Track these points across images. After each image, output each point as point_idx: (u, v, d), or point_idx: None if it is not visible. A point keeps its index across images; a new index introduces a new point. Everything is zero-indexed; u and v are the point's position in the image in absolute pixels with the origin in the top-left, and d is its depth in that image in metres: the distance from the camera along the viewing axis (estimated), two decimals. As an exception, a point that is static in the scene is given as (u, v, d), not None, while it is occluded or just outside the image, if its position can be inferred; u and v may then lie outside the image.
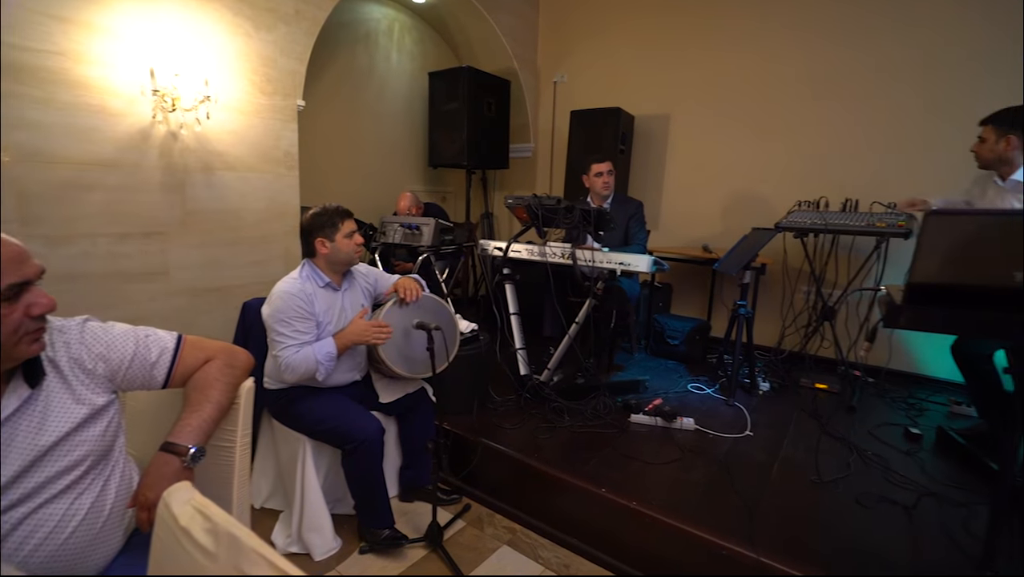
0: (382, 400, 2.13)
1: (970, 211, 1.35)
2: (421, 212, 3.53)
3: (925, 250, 0.97)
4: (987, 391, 2.19)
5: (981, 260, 0.94)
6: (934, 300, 1.01)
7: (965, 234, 0.93)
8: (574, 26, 4.28)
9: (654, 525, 1.78)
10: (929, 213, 0.91)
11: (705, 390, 2.89)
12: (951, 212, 0.91)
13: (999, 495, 1.04)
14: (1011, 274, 0.92)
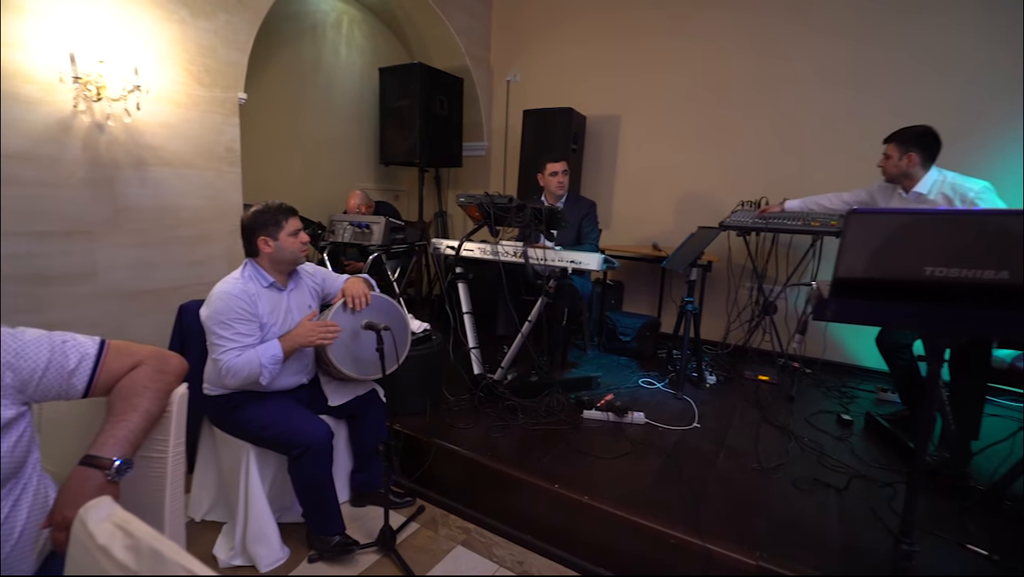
0: (331, 403, 2.07)
1: (886, 210, 1.45)
2: (372, 211, 3.46)
3: (847, 247, 1.03)
4: (907, 378, 2.35)
5: (895, 256, 1.00)
6: (857, 294, 1.07)
7: (881, 232, 0.99)
8: (527, 26, 4.31)
9: (606, 518, 1.81)
10: (850, 212, 0.96)
11: (655, 385, 2.97)
12: (869, 212, 0.97)
13: (914, 473, 1.11)
14: (921, 268, 0.99)
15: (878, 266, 1.03)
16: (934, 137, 2.25)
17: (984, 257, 0.94)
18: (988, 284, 0.96)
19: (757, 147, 3.51)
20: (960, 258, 0.96)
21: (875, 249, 1.01)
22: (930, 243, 0.97)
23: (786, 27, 3.34)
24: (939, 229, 0.95)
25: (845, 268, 1.05)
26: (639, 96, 3.87)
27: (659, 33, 3.74)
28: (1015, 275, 0.94)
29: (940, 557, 1.64)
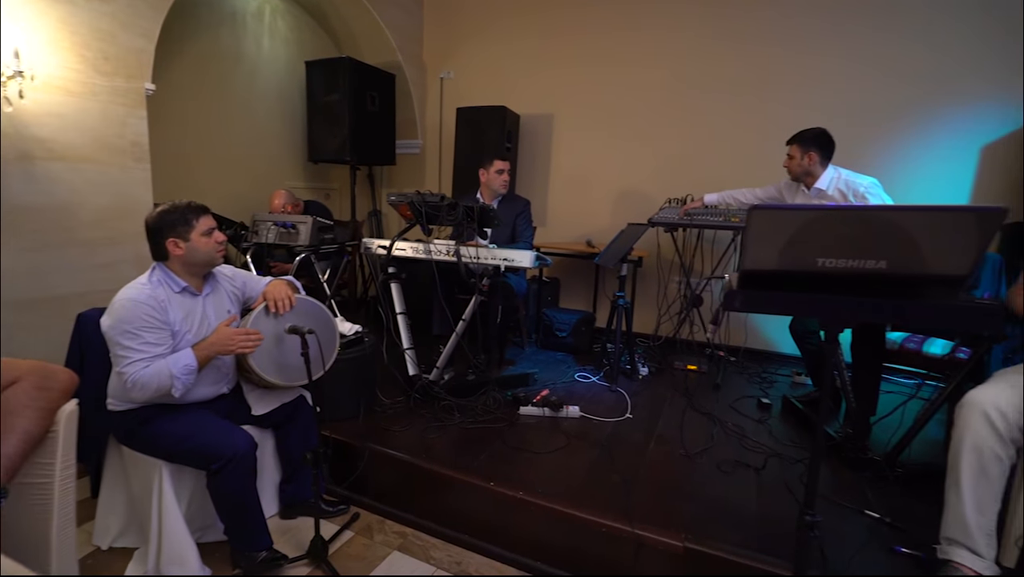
0: (255, 412, 1.97)
1: (782, 206, 1.55)
2: (299, 210, 3.31)
3: (750, 241, 1.09)
4: (816, 361, 2.55)
5: (792, 249, 1.07)
6: (761, 285, 1.14)
7: (779, 227, 1.06)
8: (460, 22, 4.27)
9: (540, 512, 1.84)
10: (751, 208, 1.02)
11: (591, 378, 3.04)
12: (768, 207, 1.03)
13: (815, 451, 1.20)
14: (815, 260, 1.06)
15: (778, 258, 1.09)
16: (828, 138, 2.46)
17: (867, 249, 1.03)
18: (871, 273, 1.04)
19: (684, 145, 3.65)
20: (847, 250, 1.04)
21: (774, 243, 1.08)
22: (821, 237, 1.04)
23: (710, 30, 3.50)
24: (828, 224, 1.03)
25: (750, 261, 1.12)
26: (571, 95, 3.94)
27: (590, 33, 3.82)
28: (891, 264, 1.02)
29: (843, 523, 1.79)
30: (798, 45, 3.28)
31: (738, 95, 3.46)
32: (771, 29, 3.33)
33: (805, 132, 2.51)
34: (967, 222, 0.95)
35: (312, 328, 1.79)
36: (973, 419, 1.48)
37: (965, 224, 0.95)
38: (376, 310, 2.73)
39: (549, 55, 3.96)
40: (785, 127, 2.61)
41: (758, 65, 3.38)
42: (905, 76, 3.05)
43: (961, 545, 1.47)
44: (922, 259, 1.01)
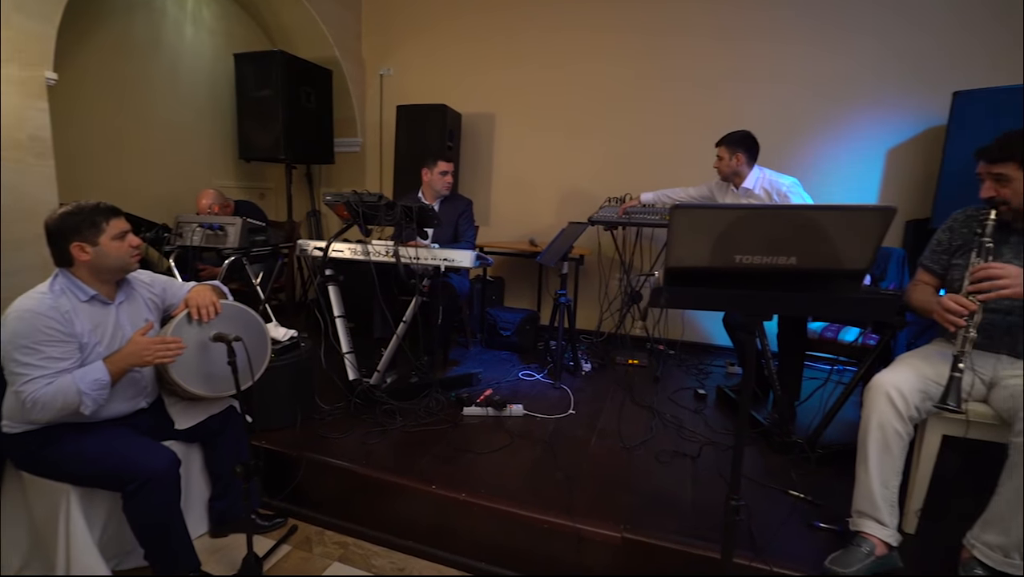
0: (178, 426, 1.85)
1: (702, 205, 1.61)
2: (230, 211, 3.15)
3: (673, 239, 1.12)
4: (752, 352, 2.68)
5: (712, 246, 1.11)
6: (685, 282, 1.18)
7: (699, 225, 1.10)
8: (400, 18, 4.19)
9: (483, 513, 1.83)
10: (673, 208, 1.06)
11: (535, 376, 3.07)
12: (689, 206, 1.07)
13: (738, 439, 1.26)
14: (733, 256, 1.11)
15: (698, 256, 1.13)
16: (754, 140, 2.60)
17: (779, 245, 1.09)
18: (783, 269, 1.10)
19: (623, 144, 3.75)
20: (761, 247, 1.09)
21: (695, 241, 1.12)
22: (737, 235, 1.09)
23: (648, 31, 3.60)
24: (743, 222, 1.08)
25: (673, 258, 1.15)
26: (512, 94, 3.96)
27: (531, 32, 3.85)
28: (801, 260, 1.09)
29: (769, 504, 1.89)
30: (730, 50, 3.44)
31: (675, 96, 3.59)
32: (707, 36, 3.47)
33: (732, 135, 2.64)
34: (864, 220, 1.02)
35: (239, 335, 1.70)
36: (877, 400, 1.60)
37: (862, 222, 1.02)
38: (316, 313, 2.63)
39: (490, 54, 3.96)
40: (718, 128, 2.73)
41: (693, 68, 3.52)
42: (821, 85, 3.26)
43: (869, 516, 1.58)
44: (827, 254, 1.08)
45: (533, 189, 4.00)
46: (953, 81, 2.78)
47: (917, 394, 1.57)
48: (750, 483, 2.01)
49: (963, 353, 1.48)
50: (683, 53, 3.55)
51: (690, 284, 1.19)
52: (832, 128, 3.28)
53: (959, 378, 1.46)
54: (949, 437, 1.68)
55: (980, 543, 1.45)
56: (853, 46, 3.18)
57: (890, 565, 1.53)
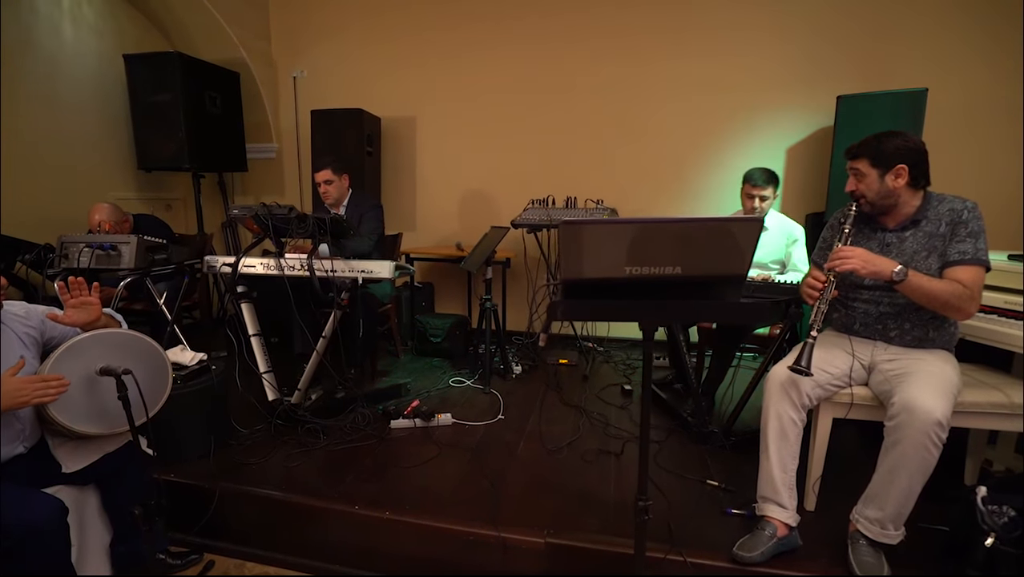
0: (67, 470, 1.69)
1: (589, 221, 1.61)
2: (128, 226, 2.90)
3: (563, 253, 1.14)
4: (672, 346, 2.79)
5: (602, 258, 1.14)
6: (580, 294, 1.20)
7: (587, 239, 1.13)
8: (310, 17, 4.01)
9: (408, 529, 1.81)
10: (562, 223, 1.08)
11: (465, 382, 3.05)
12: (577, 222, 1.09)
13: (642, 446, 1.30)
14: (624, 268, 1.14)
15: (591, 268, 1.16)
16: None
17: (664, 256, 1.13)
18: (670, 278, 1.15)
19: (546, 147, 3.80)
20: (648, 258, 1.13)
21: (587, 254, 1.14)
22: (625, 247, 1.13)
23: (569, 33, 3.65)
24: (628, 235, 1.11)
25: (567, 271, 1.17)
26: (432, 97, 3.91)
27: (449, 33, 3.81)
28: (685, 269, 1.14)
29: (688, 494, 1.98)
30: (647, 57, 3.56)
31: (596, 99, 3.66)
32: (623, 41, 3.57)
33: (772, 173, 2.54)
34: (736, 230, 1.08)
35: (130, 366, 1.58)
36: (773, 391, 1.72)
37: (735, 231, 1.08)
38: (229, 333, 2.49)
39: (407, 55, 3.89)
40: (639, 130, 2.81)
41: (612, 71, 3.61)
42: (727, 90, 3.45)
43: (771, 501, 1.69)
44: (708, 262, 1.13)
45: (456, 192, 3.97)
46: (838, 86, 3.03)
47: (808, 382, 1.69)
48: (669, 476, 2.10)
49: (815, 322, 1.62)
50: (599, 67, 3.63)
51: (585, 296, 1.22)
52: (737, 130, 3.47)
53: (811, 344, 1.60)
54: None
55: (863, 517, 1.59)
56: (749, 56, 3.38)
57: (791, 545, 1.64)
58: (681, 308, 1.16)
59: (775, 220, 2.65)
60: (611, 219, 1.11)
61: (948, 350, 1.75)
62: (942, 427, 1.44)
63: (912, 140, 1.70)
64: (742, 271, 1.14)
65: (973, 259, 1.62)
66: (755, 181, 2.54)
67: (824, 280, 1.68)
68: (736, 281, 1.16)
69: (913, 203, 1.75)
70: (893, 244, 1.76)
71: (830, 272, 1.68)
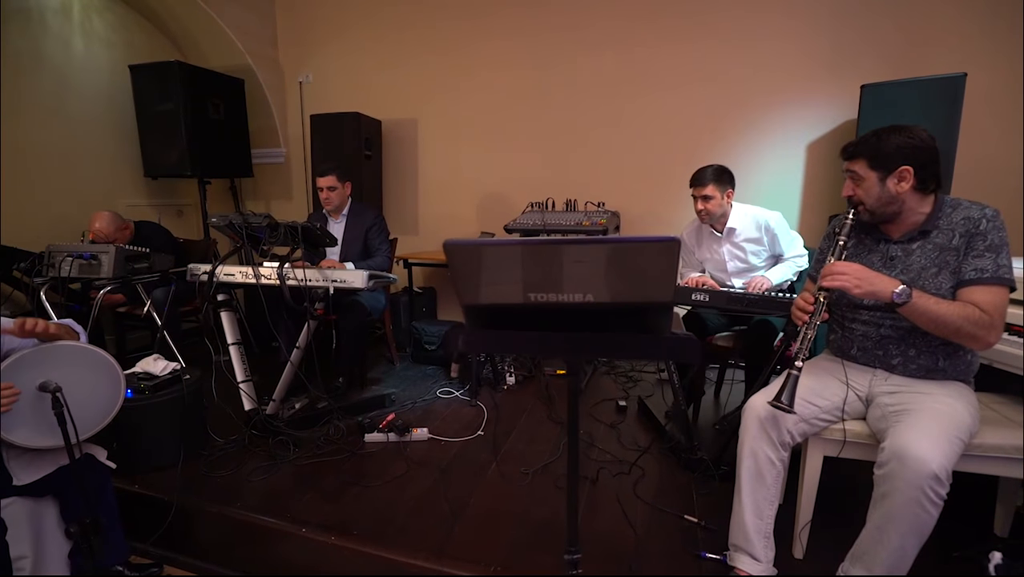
0: (18, 482, 1.70)
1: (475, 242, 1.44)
2: (129, 232, 2.98)
3: (456, 276, 1.01)
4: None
5: (498, 283, 1.00)
6: (485, 322, 1.07)
7: (478, 261, 0.99)
8: (317, 21, 4.02)
9: (353, 556, 1.72)
10: (445, 243, 0.94)
11: (454, 393, 2.95)
12: (462, 243, 0.96)
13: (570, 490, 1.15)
14: (526, 295, 1.00)
15: (488, 293, 1.02)
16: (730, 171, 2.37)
17: (569, 282, 0.97)
18: (581, 307, 0.99)
19: (549, 146, 3.64)
20: (551, 284, 0.98)
21: (482, 278, 1.01)
22: (522, 271, 0.98)
23: (572, 27, 3.49)
24: (522, 257, 0.97)
25: (464, 296, 1.04)
26: (434, 100, 3.83)
27: (451, 36, 3.72)
28: (598, 296, 0.98)
29: (662, 531, 1.79)
30: (648, 55, 3.35)
31: (601, 95, 3.47)
32: (633, 36, 3.37)
33: (713, 169, 2.30)
34: (649, 252, 0.91)
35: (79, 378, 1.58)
36: (750, 425, 1.52)
37: (648, 254, 0.92)
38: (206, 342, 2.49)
39: (409, 58, 3.82)
40: (646, 132, 2.62)
41: (617, 66, 3.41)
42: (737, 84, 3.19)
43: (743, 551, 1.50)
44: (624, 289, 0.97)
45: (459, 196, 3.87)
46: (863, 74, 2.72)
47: (791, 418, 1.48)
48: (645, 507, 1.93)
49: (800, 351, 1.41)
50: (603, 58, 3.44)
51: (490, 325, 1.08)
52: (752, 125, 3.20)
53: (795, 376, 1.39)
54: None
55: (849, 577, 1.37)
56: (765, 45, 3.10)
57: (762, 603, 1.44)
58: (596, 342, 1.00)
59: (740, 218, 2.37)
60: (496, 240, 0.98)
61: (964, 382, 1.50)
62: (939, 481, 1.20)
63: (918, 136, 1.45)
64: (666, 297, 0.97)
65: (993, 277, 1.36)
66: (695, 181, 2.30)
67: (809, 300, 1.48)
68: (662, 309, 0.99)
69: (921, 210, 1.50)
70: (898, 258, 1.52)
71: (820, 292, 1.46)
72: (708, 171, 2.30)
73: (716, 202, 2.30)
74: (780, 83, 3.09)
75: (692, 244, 2.57)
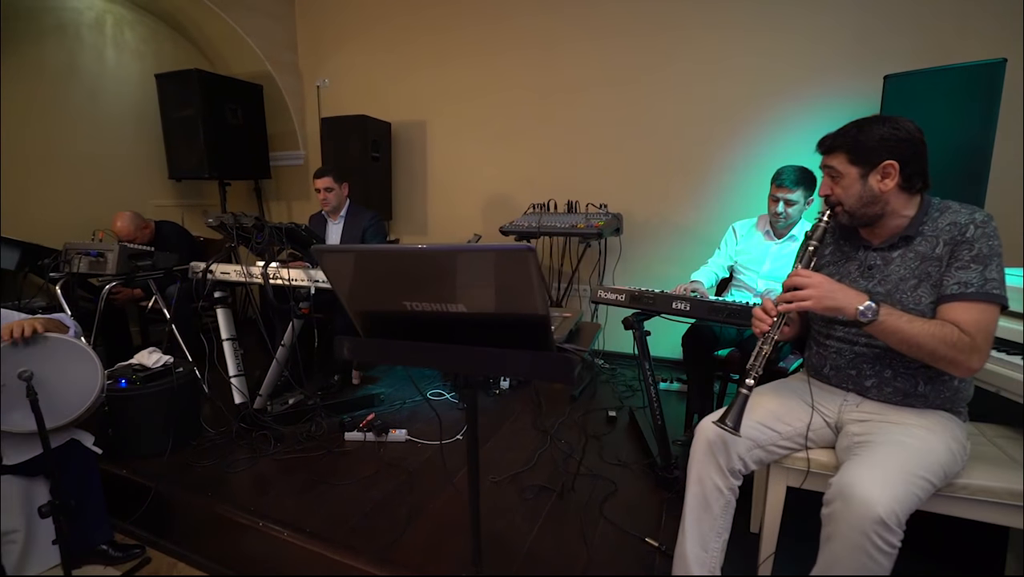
0: (7, 461, 1.84)
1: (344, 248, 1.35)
2: (149, 231, 3.17)
3: (332, 282, 0.98)
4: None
5: (371, 290, 0.97)
6: (377, 328, 1.03)
7: (349, 268, 0.96)
8: (332, 28, 4.12)
9: (301, 553, 1.74)
10: (313, 248, 0.92)
11: (445, 396, 2.94)
12: (330, 249, 0.93)
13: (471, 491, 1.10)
14: (402, 303, 0.96)
15: (366, 300, 0.99)
16: None
17: (439, 290, 0.93)
18: (455, 317, 0.94)
19: (556, 147, 3.56)
20: (423, 292, 0.94)
21: (356, 285, 0.98)
22: (392, 279, 0.95)
23: (573, 34, 3.41)
24: (388, 264, 0.93)
25: (348, 304, 1.01)
26: (441, 101, 3.83)
27: (456, 34, 3.71)
28: (470, 306, 0.93)
29: (622, 554, 1.70)
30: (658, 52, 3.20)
31: (609, 93, 3.36)
32: (636, 26, 3.23)
33: (799, 172, 2.22)
34: (504, 261, 0.85)
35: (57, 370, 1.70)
36: (698, 447, 1.40)
37: (504, 263, 0.85)
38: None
39: (419, 61, 3.85)
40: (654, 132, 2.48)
41: (625, 60, 3.28)
42: (755, 80, 2.99)
43: (682, 583, 1.38)
44: (487, 300, 0.91)
45: (469, 195, 3.85)
46: (888, 64, 2.46)
47: (743, 443, 1.35)
48: (608, 526, 1.83)
49: (753, 368, 1.27)
50: (612, 56, 3.32)
51: (383, 332, 1.04)
52: (768, 122, 2.98)
53: (745, 396, 1.26)
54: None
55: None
56: (779, 32, 2.89)
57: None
58: (465, 356, 0.94)
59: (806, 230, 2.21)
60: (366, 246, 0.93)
61: (951, 412, 1.31)
62: (887, 528, 1.05)
63: (904, 127, 1.28)
64: (534, 311, 0.90)
65: (978, 293, 1.18)
66: (781, 180, 2.20)
67: (770, 312, 1.33)
68: (538, 322, 0.92)
69: (905, 213, 1.32)
70: (877, 267, 1.35)
71: (781, 303, 1.31)
72: (803, 173, 2.22)
73: (800, 208, 2.25)
74: (798, 76, 2.86)
75: (735, 254, 2.47)
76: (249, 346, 2.84)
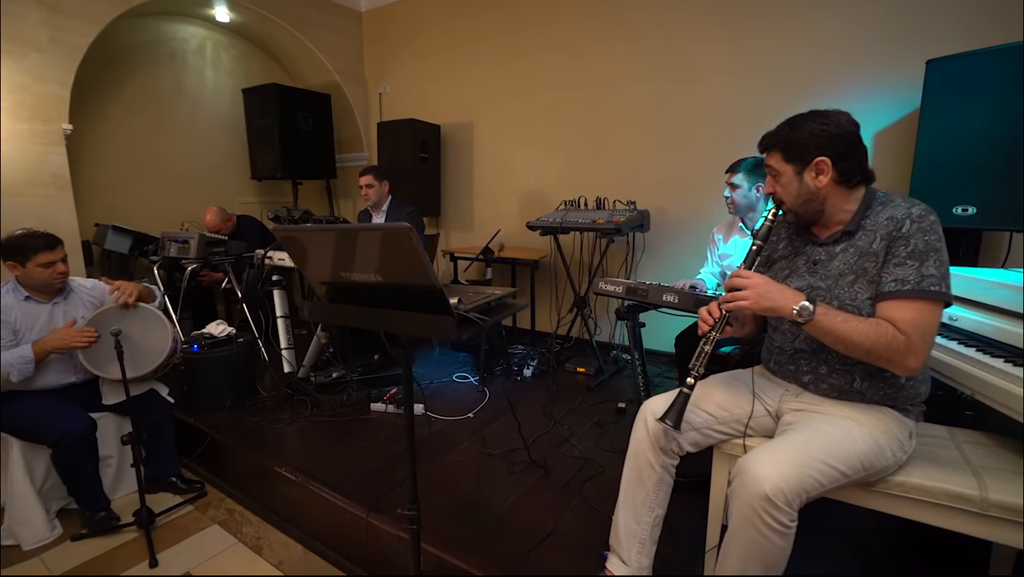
0: (105, 402, 2.32)
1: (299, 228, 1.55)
2: (231, 224, 3.72)
3: (292, 256, 1.23)
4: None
5: (319, 262, 1.20)
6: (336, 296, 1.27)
7: (300, 243, 1.19)
8: (394, 39, 4.51)
9: (306, 494, 2.05)
10: (273, 228, 1.16)
11: (469, 379, 3.15)
12: (286, 229, 1.16)
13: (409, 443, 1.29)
14: (340, 273, 1.19)
15: (317, 271, 1.22)
16: None
17: (363, 263, 1.14)
18: (376, 286, 1.15)
19: (587, 149, 3.66)
20: (351, 264, 1.15)
21: (309, 258, 1.21)
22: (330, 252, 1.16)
23: (612, 36, 3.47)
24: (322, 241, 1.15)
25: (307, 273, 1.25)
26: (488, 103, 4.05)
27: (506, 47, 3.91)
28: (385, 277, 1.13)
29: (581, 525, 1.81)
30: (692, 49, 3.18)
31: (640, 98, 3.39)
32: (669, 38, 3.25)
33: (750, 160, 2.26)
34: (389, 238, 1.03)
35: (138, 332, 2.15)
36: (638, 425, 1.48)
37: (390, 240, 1.04)
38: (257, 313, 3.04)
39: (467, 66, 4.10)
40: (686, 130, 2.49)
41: (661, 65, 3.30)
42: (787, 74, 2.89)
43: (615, 553, 1.47)
44: (388, 271, 1.10)
45: (507, 194, 4.05)
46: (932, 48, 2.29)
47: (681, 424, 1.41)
48: (583, 505, 1.93)
49: (695, 367, 1.32)
50: (646, 55, 3.35)
51: (333, 298, 1.27)
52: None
53: (686, 395, 1.31)
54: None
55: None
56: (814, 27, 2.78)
57: (626, 611, 1.41)
58: (378, 316, 1.14)
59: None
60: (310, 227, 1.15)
61: (896, 408, 1.28)
62: (773, 505, 1.08)
63: (834, 121, 1.28)
64: (426, 281, 1.07)
65: (915, 290, 1.16)
66: (731, 167, 2.31)
67: (713, 313, 1.35)
68: (430, 292, 1.09)
69: (847, 208, 1.32)
70: (821, 262, 1.36)
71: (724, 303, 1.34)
72: (749, 159, 2.27)
73: (742, 191, 2.28)
74: (833, 67, 2.73)
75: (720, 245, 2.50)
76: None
